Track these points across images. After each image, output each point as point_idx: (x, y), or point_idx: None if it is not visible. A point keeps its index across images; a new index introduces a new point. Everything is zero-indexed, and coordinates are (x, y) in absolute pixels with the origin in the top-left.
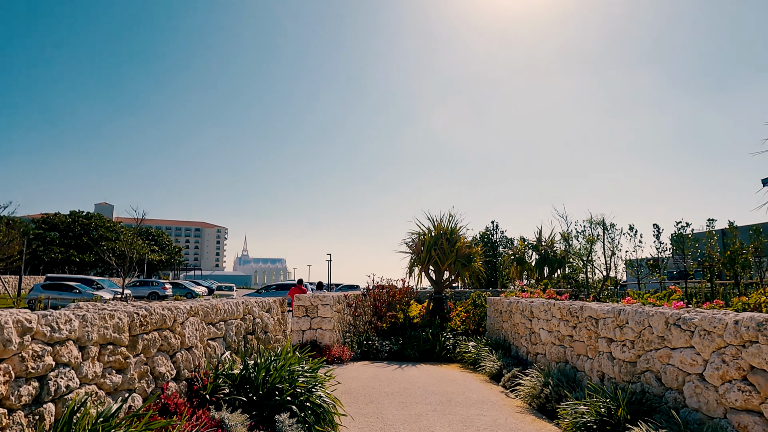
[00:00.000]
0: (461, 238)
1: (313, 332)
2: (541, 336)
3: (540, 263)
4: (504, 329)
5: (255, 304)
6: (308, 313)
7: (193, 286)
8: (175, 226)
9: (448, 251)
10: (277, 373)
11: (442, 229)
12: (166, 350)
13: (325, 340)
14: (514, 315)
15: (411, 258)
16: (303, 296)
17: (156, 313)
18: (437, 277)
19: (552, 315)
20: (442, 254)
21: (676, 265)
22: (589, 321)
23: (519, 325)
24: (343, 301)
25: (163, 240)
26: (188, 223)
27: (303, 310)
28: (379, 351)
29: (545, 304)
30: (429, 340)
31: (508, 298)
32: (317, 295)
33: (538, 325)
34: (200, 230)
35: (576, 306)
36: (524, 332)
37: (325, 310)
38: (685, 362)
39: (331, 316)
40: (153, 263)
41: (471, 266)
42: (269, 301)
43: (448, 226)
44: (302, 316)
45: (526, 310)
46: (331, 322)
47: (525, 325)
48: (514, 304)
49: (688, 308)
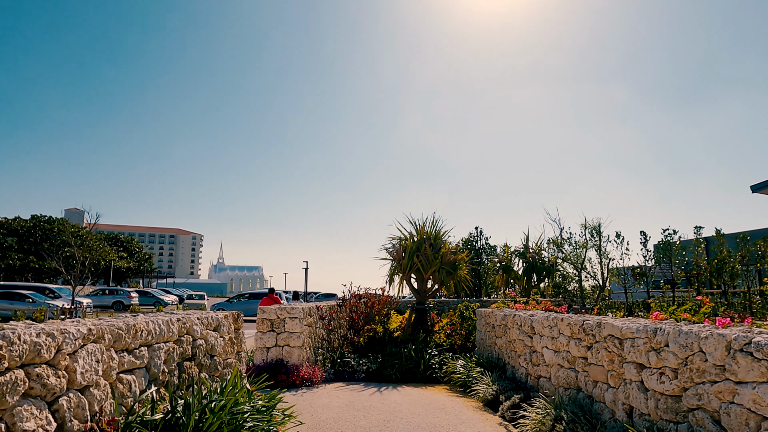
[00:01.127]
0: (446, 243)
1: (280, 350)
2: (545, 356)
3: (527, 271)
4: (498, 346)
5: (197, 321)
6: (274, 328)
7: (163, 295)
8: (149, 232)
9: (431, 258)
10: (216, 416)
11: (425, 233)
12: (40, 395)
13: (293, 359)
14: (510, 330)
15: (391, 265)
16: (268, 308)
17: (23, 342)
18: (420, 286)
19: (559, 332)
20: (426, 261)
21: (663, 273)
22: (610, 341)
23: (516, 342)
24: (314, 313)
25: (133, 246)
26: (162, 229)
27: (268, 324)
28: (356, 371)
29: (550, 319)
30: (412, 358)
31: (501, 310)
32: (285, 307)
33: (540, 343)
34: (175, 237)
35: (591, 322)
36: (523, 350)
37: (293, 324)
38: (761, 403)
39: (301, 330)
40: (121, 270)
41: (456, 274)
42: (217, 317)
43: (431, 230)
44: (267, 331)
45: (525, 325)
46: (301, 338)
47: (524, 342)
48: (509, 318)
49: (752, 330)
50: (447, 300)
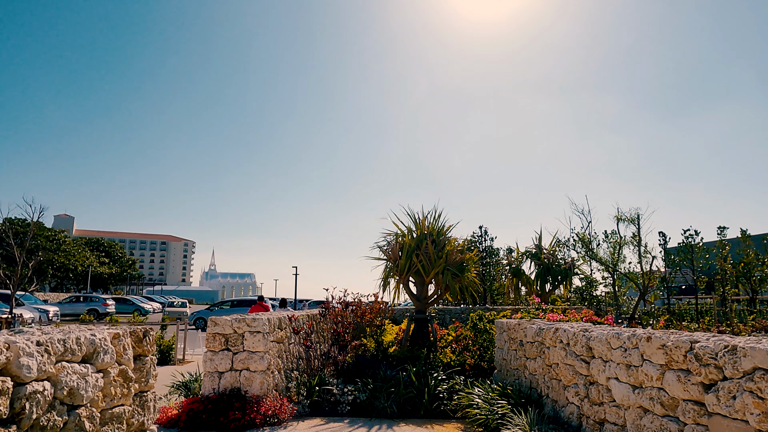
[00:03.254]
0: (451, 240)
1: (236, 375)
2: (615, 392)
3: (541, 275)
4: (529, 370)
5: (34, 348)
6: (229, 346)
7: (144, 302)
8: (140, 239)
9: (434, 257)
10: None
11: (427, 229)
12: None
13: (254, 388)
14: (550, 350)
15: (386, 266)
16: (221, 320)
17: None
18: (420, 291)
19: (642, 357)
20: (427, 261)
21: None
22: (763, 380)
23: (561, 367)
24: (287, 325)
25: (116, 251)
26: (154, 236)
27: (221, 341)
28: (339, 402)
29: (623, 338)
30: (412, 384)
31: (532, 322)
32: (244, 319)
33: (605, 372)
34: (166, 243)
35: (710, 345)
36: (571, 380)
37: (254, 341)
38: None
39: (265, 349)
40: (103, 276)
41: (463, 277)
42: (93, 339)
43: (433, 225)
44: (220, 350)
45: (576, 345)
46: (265, 360)
47: (574, 368)
48: (548, 333)
49: None
50: (449, 308)
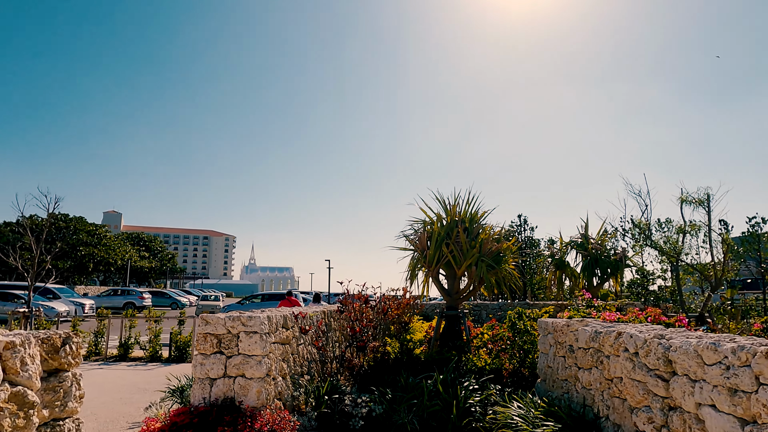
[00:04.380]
0: (486, 228)
1: (230, 383)
2: (710, 424)
3: (588, 267)
4: (582, 383)
5: None
6: (222, 349)
7: (181, 296)
8: (183, 234)
9: (467, 247)
10: None
11: (458, 215)
12: None
13: (251, 399)
14: (609, 360)
15: (413, 257)
16: (213, 318)
17: None
18: (451, 285)
19: (759, 381)
20: (459, 251)
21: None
22: None
23: (627, 383)
24: (293, 324)
25: (155, 246)
26: (196, 231)
27: (213, 343)
28: (351, 415)
29: (726, 351)
30: (439, 395)
31: (584, 322)
32: (239, 317)
33: (694, 396)
34: (208, 238)
35: None
36: (642, 400)
37: (251, 344)
38: None
39: (263, 353)
40: (144, 270)
41: (500, 269)
42: None
43: (466, 210)
44: (212, 354)
45: (648, 355)
46: (263, 365)
47: (646, 386)
48: (607, 339)
49: None
50: (486, 303)
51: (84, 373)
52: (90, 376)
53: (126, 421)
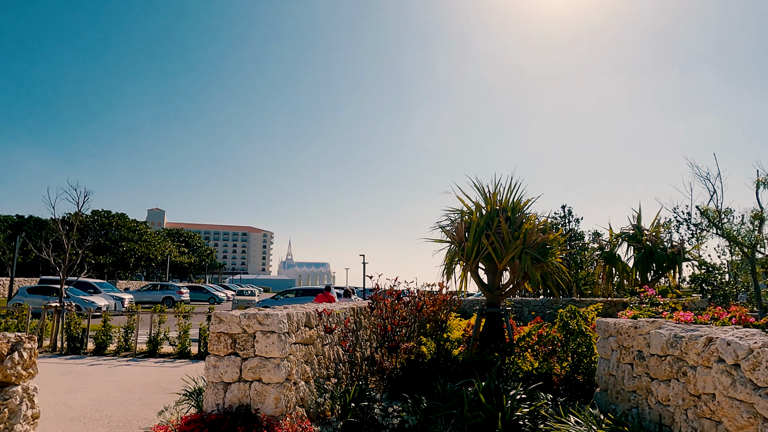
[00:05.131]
0: (530, 218)
1: (245, 388)
2: None
3: (642, 261)
4: (657, 397)
5: None
6: (236, 349)
7: (218, 291)
8: (223, 230)
9: (509, 238)
10: None
11: (499, 203)
12: None
13: (268, 406)
14: (696, 372)
15: (449, 250)
16: (228, 316)
17: None
18: (491, 280)
19: None
20: (500, 243)
21: None
22: None
23: (724, 403)
24: (317, 322)
25: (195, 242)
26: (235, 227)
27: (228, 343)
28: (382, 426)
29: None
30: (481, 405)
31: (657, 324)
32: (255, 315)
33: None
34: (247, 235)
35: None
36: (746, 427)
37: (268, 344)
38: None
39: (282, 355)
40: (183, 266)
41: (546, 262)
42: None
43: (507, 198)
44: (226, 355)
45: (756, 369)
46: (282, 368)
47: (753, 409)
48: (692, 344)
49: None
50: (528, 299)
51: (110, 370)
52: (115, 373)
53: (138, 427)
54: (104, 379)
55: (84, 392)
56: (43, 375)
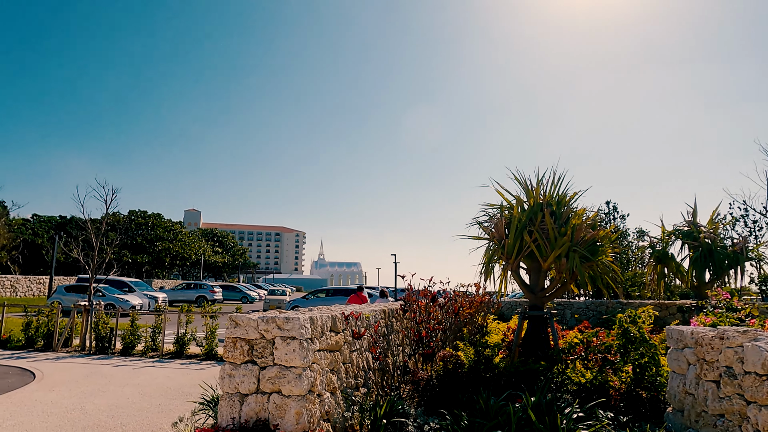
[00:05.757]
0: (578, 213)
1: (263, 401)
2: None
3: (699, 260)
4: (757, 425)
5: None
6: (254, 357)
7: (251, 290)
8: (257, 230)
9: (554, 235)
10: None
11: (543, 197)
12: None
13: (288, 422)
14: None
15: (488, 248)
16: (245, 319)
17: None
18: (535, 280)
19: None
20: (544, 240)
21: None
22: None
23: None
24: (344, 326)
25: (228, 241)
26: (269, 227)
27: (245, 350)
28: None
29: None
30: (531, 424)
31: (749, 334)
32: (274, 319)
33: None
34: (280, 235)
35: None
36: None
37: (288, 351)
38: None
39: (304, 364)
40: (217, 265)
41: (596, 261)
42: None
43: (552, 191)
44: (242, 363)
45: None
46: (304, 379)
47: None
48: None
49: None
50: (570, 301)
51: (134, 371)
52: (138, 375)
53: None
54: (126, 381)
55: (103, 396)
56: (68, 376)
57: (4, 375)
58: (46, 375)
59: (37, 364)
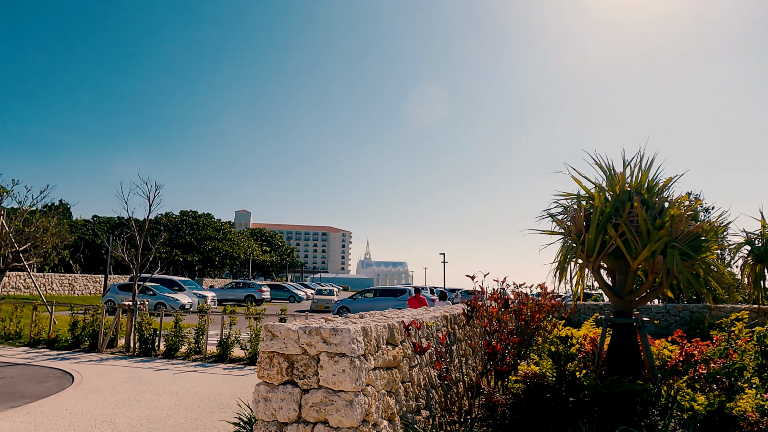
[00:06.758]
0: (677, 203)
1: None
2: None
3: None
4: None
5: None
6: (294, 376)
7: (299, 289)
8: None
9: (647, 228)
10: None
11: (630, 185)
12: None
13: None
14: None
15: (563, 244)
16: (283, 331)
17: None
18: (621, 282)
19: None
20: (634, 234)
21: None
22: None
23: None
24: (402, 337)
25: (276, 241)
26: (316, 227)
27: (283, 368)
28: None
29: None
30: None
31: None
32: (320, 330)
33: None
34: (327, 234)
35: None
36: None
37: (336, 371)
38: None
39: (356, 387)
40: (266, 264)
41: (698, 260)
42: None
43: (640, 179)
44: (281, 384)
45: None
46: (357, 407)
47: None
48: None
49: None
50: (646, 305)
51: (174, 377)
52: (177, 382)
53: None
54: (164, 389)
55: (136, 407)
56: (106, 381)
57: (44, 378)
58: (84, 379)
59: (79, 367)
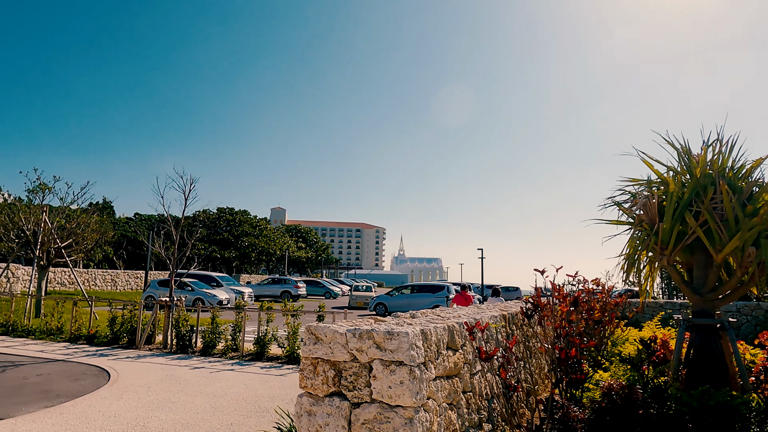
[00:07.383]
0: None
1: None
2: None
3: None
4: None
5: None
6: (342, 387)
7: (334, 285)
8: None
9: (734, 217)
10: None
11: (712, 167)
12: None
13: None
14: None
15: (633, 235)
16: (329, 334)
17: None
18: (702, 277)
19: None
20: (719, 224)
21: None
22: None
23: None
24: (462, 340)
25: (311, 237)
26: (350, 224)
27: (329, 377)
28: None
29: None
30: None
31: None
32: (372, 333)
33: None
34: (360, 231)
35: None
36: None
37: (393, 383)
38: None
39: (416, 402)
40: (301, 260)
41: None
42: None
43: (723, 160)
44: (326, 396)
45: None
46: (418, 424)
47: None
48: None
49: None
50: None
51: (211, 376)
52: (214, 381)
53: None
54: (200, 389)
55: (171, 409)
56: (142, 379)
57: (80, 375)
58: (120, 377)
59: (116, 364)
